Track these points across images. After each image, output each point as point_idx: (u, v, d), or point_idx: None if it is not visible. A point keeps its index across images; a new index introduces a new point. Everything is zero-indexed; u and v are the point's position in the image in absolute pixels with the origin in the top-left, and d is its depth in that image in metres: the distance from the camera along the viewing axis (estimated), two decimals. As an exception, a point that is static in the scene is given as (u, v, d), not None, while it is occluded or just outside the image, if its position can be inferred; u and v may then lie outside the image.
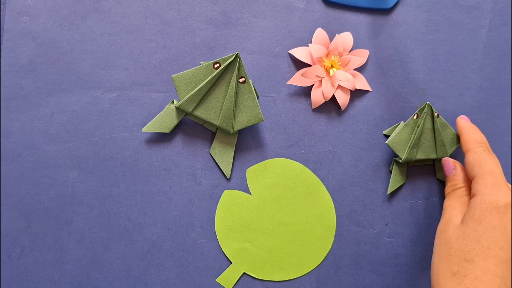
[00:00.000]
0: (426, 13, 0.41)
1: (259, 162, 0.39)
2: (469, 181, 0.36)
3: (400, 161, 0.38)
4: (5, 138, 0.38)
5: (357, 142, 0.40)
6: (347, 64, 0.39)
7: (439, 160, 0.39)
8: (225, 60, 0.35)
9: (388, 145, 0.37)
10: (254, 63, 0.40)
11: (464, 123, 0.38)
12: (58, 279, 0.38)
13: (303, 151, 0.40)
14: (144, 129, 0.38)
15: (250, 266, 0.39)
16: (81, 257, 0.38)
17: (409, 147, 0.37)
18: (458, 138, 0.38)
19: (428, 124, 0.37)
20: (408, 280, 0.39)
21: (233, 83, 0.35)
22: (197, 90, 0.35)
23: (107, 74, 0.39)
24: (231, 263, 0.39)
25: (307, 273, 0.39)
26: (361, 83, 0.40)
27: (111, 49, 0.39)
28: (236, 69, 0.35)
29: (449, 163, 0.38)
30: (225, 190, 0.39)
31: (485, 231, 0.31)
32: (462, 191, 0.36)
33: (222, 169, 0.39)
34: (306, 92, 0.40)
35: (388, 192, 0.39)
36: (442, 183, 0.41)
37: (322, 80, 0.39)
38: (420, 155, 0.38)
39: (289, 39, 0.40)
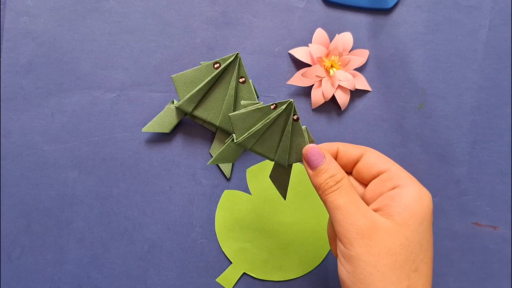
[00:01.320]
0: (426, 13, 0.41)
1: (259, 162, 0.39)
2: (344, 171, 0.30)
3: (235, 141, 0.32)
4: (5, 138, 0.38)
5: (357, 142, 0.40)
6: (347, 64, 0.39)
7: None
8: (225, 60, 0.35)
9: (229, 118, 0.32)
10: (254, 63, 0.40)
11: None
12: (58, 279, 0.38)
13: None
14: (144, 129, 0.38)
15: (250, 266, 0.39)
16: (81, 257, 0.38)
17: (249, 134, 0.32)
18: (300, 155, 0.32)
19: (280, 122, 0.31)
20: (408, 280, 0.39)
21: (233, 83, 0.35)
22: (197, 90, 0.35)
23: (107, 74, 0.39)
24: (231, 263, 0.39)
25: (307, 273, 0.39)
26: (361, 83, 0.40)
27: (111, 49, 0.39)
28: (236, 69, 0.35)
29: (316, 150, 0.30)
30: (225, 190, 0.39)
31: (425, 231, 0.26)
32: (347, 183, 0.28)
33: (222, 169, 0.39)
34: (306, 92, 0.40)
35: (209, 163, 0.33)
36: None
37: (322, 80, 0.39)
38: (257, 147, 0.32)
39: (289, 39, 0.40)
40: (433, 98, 0.41)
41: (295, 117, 0.31)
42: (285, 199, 0.34)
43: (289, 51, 0.40)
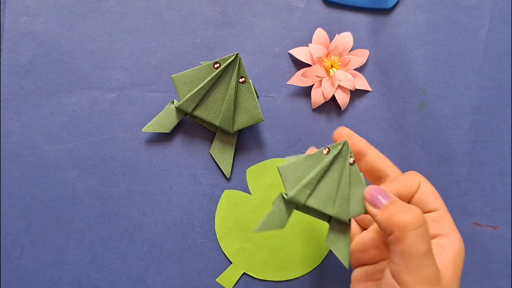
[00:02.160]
0: (426, 13, 0.41)
1: (259, 162, 0.39)
2: None
3: (285, 198, 0.28)
4: (5, 138, 0.38)
5: (357, 142, 0.40)
6: (347, 64, 0.39)
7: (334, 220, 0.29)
8: (225, 60, 0.35)
9: (278, 171, 0.28)
10: (254, 63, 0.40)
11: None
12: (58, 279, 0.38)
13: (303, 151, 0.40)
14: (144, 129, 0.38)
15: (250, 266, 0.39)
16: (81, 257, 0.38)
17: (302, 185, 0.27)
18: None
19: (337, 168, 0.28)
20: (408, 280, 0.39)
21: (233, 83, 0.35)
22: (197, 90, 0.35)
23: (107, 74, 0.39)
24: (231, 263, 0.39)
25: (307, 273, 0.39)
26: (361, 83, 0.40)
27: (111, 49, 0.39)
28: (236, 69, 0.35)
29: (379, 190, 0.27)
30: (225, 190, 0.39)
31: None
32: (427, 224, 0.26)
33: (222, 169, 0.39)
34: (306, 92, 0.40)
35: (256, 231, 0.28)
36: (446, 189, 0.40)
37: (322, 80, 0.39)
38: (312, 202, 0.28)
39: (289, 39, 0.40)
40: (433, 98, 0.41)
41: (351, 160, 0.27)
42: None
43: (289, 51, 0.40)
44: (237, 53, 0.35)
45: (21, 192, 0.38)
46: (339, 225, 0.28)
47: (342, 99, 0.39)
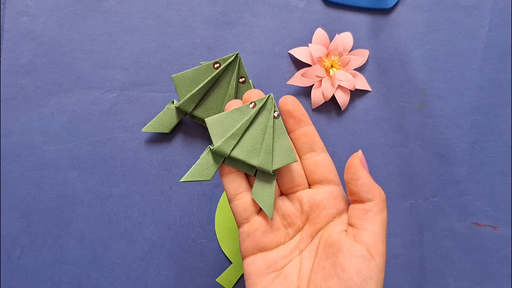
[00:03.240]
0: (426, 13, 0.41)
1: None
2: None
3: (211, 148, 0.29)
4: (5, 138, 0.38)
5: (357, 142, 0.40)
6: (347, 64, 0.39)
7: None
8: (225, 60, 0.35)
9: (206, 124, 0.29)
10: (254, 63, 0.40)
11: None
12: (58, 279, 0.38)
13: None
14: (144, 129, 0.38)
15: (250, 266, 0.38)
16: (81, 257, 0.38)
17: (228, 136, 0.28)
18: (291, 153, 0.29)
19: (262, 121, 0.29)
20: (408, 280, 0.39)
21: (233, 83, 0.35)
22: (197, 90, 0.35)
23: (107, 74, 0.39)
24: (231, 263, 0.39)
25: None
26: (361, 83, 0.40)
27: (111, 49, 0.39)
28: (236, 69, 0.35)
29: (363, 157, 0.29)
30: (225, 190, 0.39)
31: None
32: None
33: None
34: (306, 92, 0.40)
35: (181, 180, 0.29)
36: (444, 182, 0.41)
37: (322, 80, 0.39)
38: (237, 152, 0.29)
39: (289, 39, 0.40)
40: (433, 98, 0.41)
41: (275, 113, 0.28)
42: (271, 218, 0.29)
43: (289, 51, 0.40)
44: (237, 53, 0.35)
45: (21, 192, 0.38)
46: (265, 177, 0.30)
47: (342, 99, 0.39)
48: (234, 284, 0.38)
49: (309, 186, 0.31)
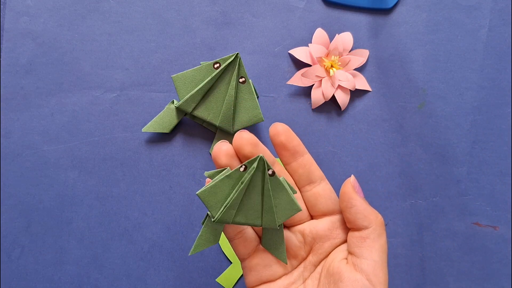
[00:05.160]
0: (426, 13, 0.41)
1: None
2: None
3: (212, 220, 0.28)
4: (5, 138, 0.38)
5: (357, 142, 0.40)
6: (347, 64, 0.39)
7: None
8: (225, 60, 0.35)
9: (199, 197, 0.28)
10: (254, 63, 0.40)
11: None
12: (58, 279, 0.38)
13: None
14: (144, 129, 0.38)
15: (250, 266, 0.38)
16: (81, 257, 0.38)
17: (225, 206, 0.28)
18: (294, 205, 0.28)
19: (257, 183, 0.28)
20: (408, 280, 0.39)
21: (233, 83, 0.35)
22: (197, 90, 0.35)
23: (107, 74, 0.39)
24: (231, 263, 0.39)
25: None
26: (361, 83, 0.40)
27: (111, 49, 0.39)
28: (236, 69, 0.35)
29: (357, 183, 0.28)
30: (225, 190, 0.39)
31: None
32: None
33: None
34: (306, 92, 0.40)
35: (190, 253, 0.29)
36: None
37: (322, 80, 0.39)
38: (240, 218, 0.28)
39: (289, 39, 0.40)
40: (433, 98, 0.41)
41: (270, 171, 0.27)
42: (286, 263, 0.29)
43: (289, 51, 0.40)
44: (237, 53, 0.35)
45: (21, 192, 0.38)
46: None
47: (342, 99, 0.39)
48: (234, 284, 0.38)
49: (311, 217, 0.30)
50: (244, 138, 0.27)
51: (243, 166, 0.27)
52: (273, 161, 0.29)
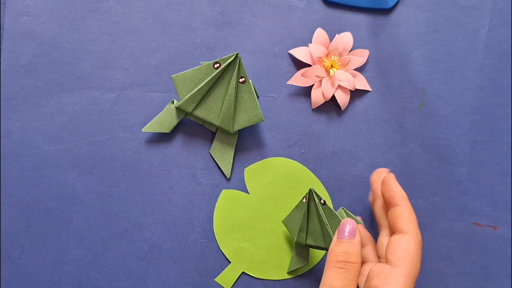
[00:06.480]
0: (426, 13, 0.41)
1: (258, 161, 0.39)
2: None
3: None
4: (5, 138, 0.38)
5: (357, 142, 0.40)
6: (347, 64, 0.39)
7: None
8: (225, 60, 0.35)
9: (283, 224, 0.37)
10: (254, 63, 0.40)
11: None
12: (58, 279, 0.38)
13: (303, 151, 0.40)
14: (144, 129, 0.38)
15: (248, 266, 0.39)
16: (81, 257, 0.38)
17: (299, 231, 0.35)
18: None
19: (313, 211, 0.34)
20: (408, 280, 0.39)
21: (233, 83, 0.35)
22: (197, 90, 0.35)
23: (107, 74, 0.39)
24: (230, 262, 0.39)
25: (306, 271, 0.39)
26: (361, 83, 0.40)
27: (111, 49, 0.39)
28: (236, 69, 0.35)
29: (352, 227, 0.31)
30: (223, 190, 0.39)
31: None
32: (355, 272, 0.30)
33: (222, 169, 0.39)
34: (306, 92, 0.40)
35: (287, 272, 0.38)
36: (445, 183, 0.41)
37: (322, 80, 0.39)
38: (310, 241, 0.35)
39: (289, 39, 0.40)
40: (433, 98, 0.41)
41: (322, 201, 0.33)
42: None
43: (289, 51, 0.40)
44: (237, 53, 0.35)
45: (21, 192, 0.38)
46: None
47: (342, 99, 0.39)
48: (233, 284, 0.38)
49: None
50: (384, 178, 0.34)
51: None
52: None
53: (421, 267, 0.40)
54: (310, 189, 0.33)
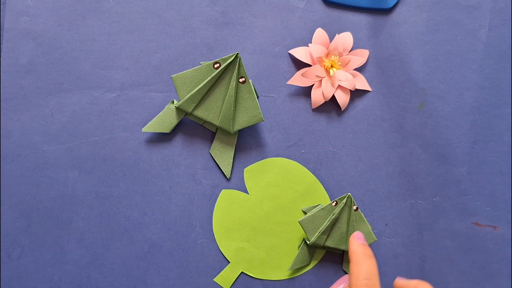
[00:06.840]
0: (426, 13, 0.41)
1: (257, 161, 0.39)
2: None
3: (308, 243, 0.37)
4: (5, 138, 0.38)
5: (357, 142, 0.40)
6: (347, 64, 0.39)
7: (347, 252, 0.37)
8: (225, 60, 0.35)
9: (300, 224, 0.37)
10: (254, 63, 0.40)
11: (355, 247, 0.33)
12: (58, 279, 0.38)
13: (303, 151, 0.40)
14: (144, 129, 0.38)
15: (248, 266, 0.39)
16: (81, 257, 0.38)
17: (320, 232, 0.37)
18: (371, 236, 0.38)
19: (345, 215, 0.37)
20: (408, 280, 0.39)
21: (233, 83, 0.35)
22: (197, 90, 0.35)
23: (107, 74, 0.39)
24: (229, 262, 0.39)
25: (305, 272, 0.39)
26: (361, 83, 0.40)
27: (111, 49, 0.39)
28: (236, 69, 0.35)
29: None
30: (223, 190, 0.39)
31: None
32: None
33: (222, 169, 0.39)
34: (306, 92, 0.40)
35: (289, 269, 0.38)
36: (442, 186, 0.41)
37: (322, 80, 0.39)
38: (329, 243, 0.37)
39: (289, 39, 0.40)
40: (433, 98, 0.41)
41: (355, 207, 0.37)
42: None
43: (289, 51, 0.40)
44: (237, 53, 0.35)
45: (21, 192, 0.38)
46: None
47: (342, 99, 0.39)
48: (232, 284, 0.38)
49: None
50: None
51: (335, 202, 0.37)
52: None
53: (421, 267, 0.40)
54: (348, 194, 0.37)
